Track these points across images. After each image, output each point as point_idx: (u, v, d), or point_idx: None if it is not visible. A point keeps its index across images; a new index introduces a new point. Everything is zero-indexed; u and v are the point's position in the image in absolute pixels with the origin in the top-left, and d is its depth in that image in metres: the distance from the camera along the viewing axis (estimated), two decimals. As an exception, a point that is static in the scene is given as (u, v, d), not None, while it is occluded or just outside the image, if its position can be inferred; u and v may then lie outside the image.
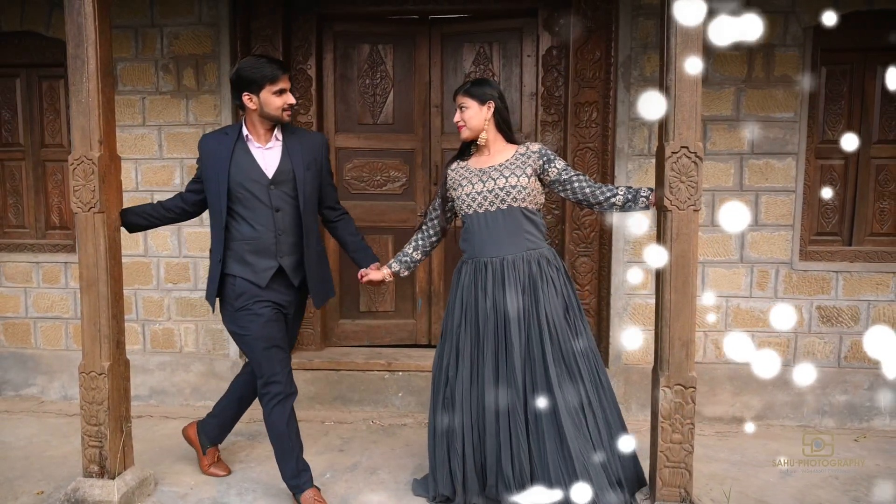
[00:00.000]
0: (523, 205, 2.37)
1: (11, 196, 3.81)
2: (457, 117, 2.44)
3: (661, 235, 2.25)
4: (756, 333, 3.35)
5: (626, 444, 2.35)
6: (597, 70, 3.37)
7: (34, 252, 3.75)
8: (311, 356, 3.69)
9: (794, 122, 3.24)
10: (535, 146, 2.45)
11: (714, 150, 3.28)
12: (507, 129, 2.47)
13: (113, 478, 2.46)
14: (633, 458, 2.40)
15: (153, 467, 2.80)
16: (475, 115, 2.41)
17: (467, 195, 2.42)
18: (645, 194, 2.33)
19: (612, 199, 2.35)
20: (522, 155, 2.43)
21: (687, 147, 2.16)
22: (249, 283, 2.41)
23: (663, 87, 2.19)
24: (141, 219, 2.56)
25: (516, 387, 2.31)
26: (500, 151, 2.46)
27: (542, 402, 2.29)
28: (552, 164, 2.42)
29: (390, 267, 2.59)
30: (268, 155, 2.44)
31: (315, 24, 3.61)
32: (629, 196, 2.33)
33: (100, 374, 2.44)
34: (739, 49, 3.21)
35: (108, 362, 2.44)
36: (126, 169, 3.54)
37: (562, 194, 2.45)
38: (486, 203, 2.39)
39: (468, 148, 2.54)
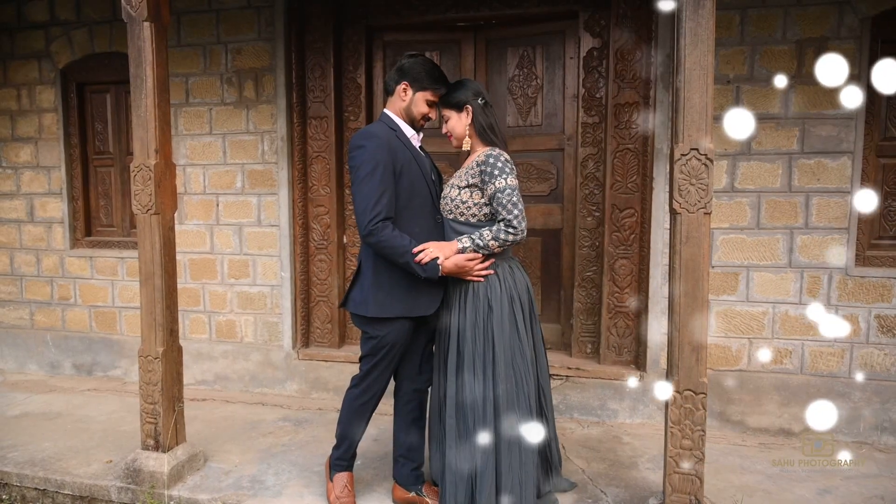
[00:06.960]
0: (450, 216, 2.35)
1: (102, 199, 4.29)
2: (444, 128, 2.42)
3: (672, 238, 2.22)
4: (806, 342, 3.18)
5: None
6: (637, 70, 3.33)
7: (120, 248, 4.20)
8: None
9: (850, 119, 3.04)
10: (483, 154, 2.28)
11: (760, 150, 3.14)
12: (485, 131, 2.33)
13: (165, 451, 2.74)
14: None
15: (206, 445, 3.09)
16: (456, 124, 2.36)
17: (442, 199, 2.43)
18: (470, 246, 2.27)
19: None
20: (473, 163, 2.31)
21: (697, 149, 2.12)
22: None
23: (672, 88, 2.17)
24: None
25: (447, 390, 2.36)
26: (472, 156, 2.38)
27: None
28: (488, 184, 2.24)
29: None
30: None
31: (364, 35, 3.81)
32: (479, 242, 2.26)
33: (155, 358, 2.73)
34: (787, 43, 3.06)
35: (161, 348, 2.73)
36: (196, 174, 3.92)
37: None
38: (443, 210, 2.39)
39: None
